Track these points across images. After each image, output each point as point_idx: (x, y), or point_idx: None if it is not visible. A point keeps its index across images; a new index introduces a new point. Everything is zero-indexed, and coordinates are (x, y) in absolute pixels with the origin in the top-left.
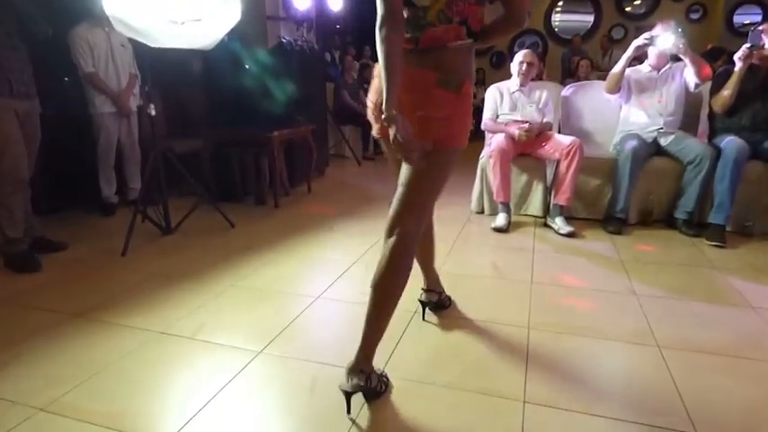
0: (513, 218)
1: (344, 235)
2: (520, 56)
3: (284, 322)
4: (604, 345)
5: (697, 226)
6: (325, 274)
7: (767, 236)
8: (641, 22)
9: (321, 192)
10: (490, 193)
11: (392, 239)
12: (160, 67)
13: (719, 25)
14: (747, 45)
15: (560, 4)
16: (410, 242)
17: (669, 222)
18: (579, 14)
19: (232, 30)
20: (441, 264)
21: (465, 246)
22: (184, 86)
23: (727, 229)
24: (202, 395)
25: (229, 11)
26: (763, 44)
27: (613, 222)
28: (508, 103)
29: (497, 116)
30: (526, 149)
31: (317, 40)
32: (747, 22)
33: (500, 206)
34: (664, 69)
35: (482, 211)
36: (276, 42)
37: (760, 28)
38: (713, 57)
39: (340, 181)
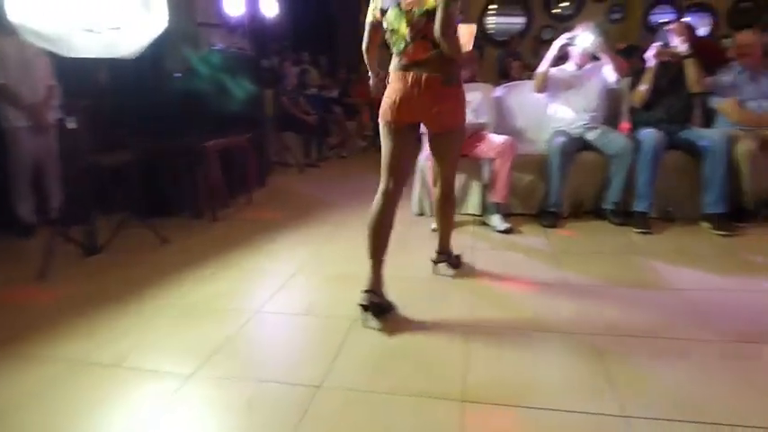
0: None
1: (285, 244)
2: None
3: (219, 341)
4: (540, 337)
5: (624, 215)
6: (264, 287)
7: (687, 220)
8: (568, 22)
9: (262, 201)
10: (430, 196)
11: (452, 195)
12: (82, 77)
13: (638, 24)
14: (658, 43)
15: (493, 7)
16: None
17: (599, 213)
18: (512, 17)
19: (159, 37)
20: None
21: (406, 248)
22: (110, 96)
23: (651, 215)
24: (128, 429)
25: (153, 18)
26: (672, 42)
27: (547, 216)
28: None
29: None
30: (463, 150)
31: (252, 47)
32: (662, 20)
33: None
34: (586, 67)
35: (422, 214)
36: (208, 49)
37: (668, 28)
38: (628, 54)
39: (282, 189)
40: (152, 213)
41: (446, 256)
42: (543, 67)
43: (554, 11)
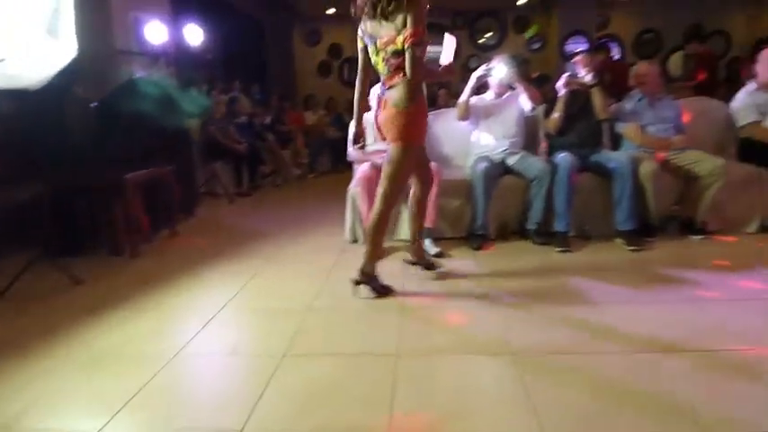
0: (386, 243)
1: (211, 280)
2: (377, 89)
3: (133, 389)
4: (467, 360)
5: (546, 234)
6: (186, 327)
7: (602, 237)
8: (492, 51)
9: (188, 234)
10: (362, 223)
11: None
12: None
13: (555, 53)
14: (567, 74)
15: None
16: None
17: (523, 234)
18: (439, 46)
19: (72, 65)
20: (313, 298)
21: (338, 277)
22: (17, 127)
23: (571, 234)
24: None
25: (60, 47)
26: (579, 73)
27: (475, 239)
28: (373, 134)
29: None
30: None
31: (177, 75)
32: (577, 50)
33: None
34: (504, 96)
35: (356, 241)
36: (128, 78)
37: (574, 60)
38: (540, 83)
39: (211, 221)
40: (65, 252)
41: (424, 261)
42: (464, 96)
43: (479, 41)
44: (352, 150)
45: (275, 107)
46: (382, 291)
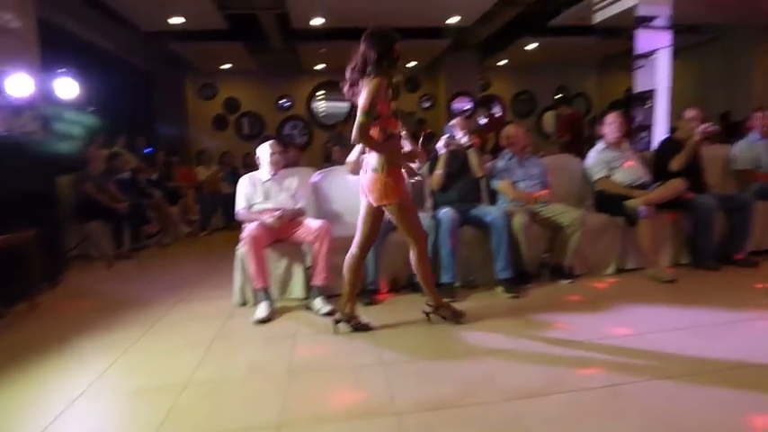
0: (278, 303)
1: (71, 359)
2: (267, 147)
3: None
4: (350, 428)
5: (434, 287)
6: (33, 420)
7: (486, 285)
8: None
9: (50, 307)
10: (251, 284)
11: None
12: None
13: (444, 112)
14: (446, 136)
15: (321, 92)
16: None
17: (414, 287)
18: (338, 102)
19: None
20: (192, 371)
21: (223, 345)
22: None
23: (457, 284)
24: None
25: None
26: (456, 135)
27: (367, 295)
28: (261, 192)
29: (252, 205)
30: (281, 235)
31: (44, 130)
32: (463, 108)
33: (260, 294)
34: None
35: (245, 303)
36: None
37: (452, 123)
38: (429, 140)
39: (81, 289)
40: None
41: (441, 308)
42: (354, 154)
43: None
44: (239, 209)
45: (162, 163)
46: (361, 328)
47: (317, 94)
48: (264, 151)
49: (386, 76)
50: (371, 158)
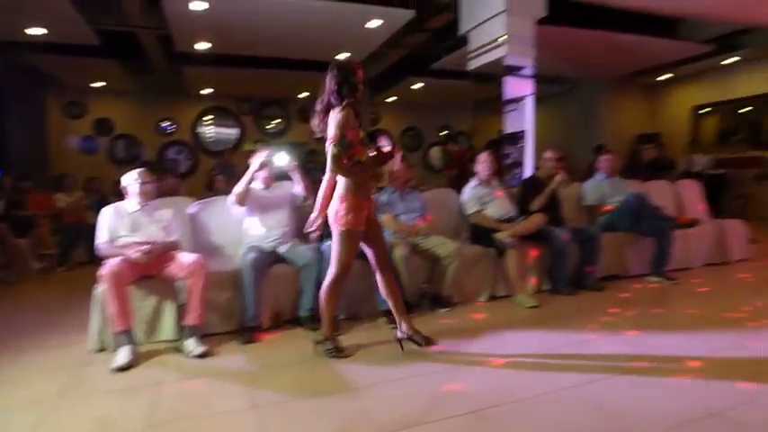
0: (144, 347)
1: None
2: (134, 175)
3: None
4: None
5: (318, 321)
6: None
7: (370, 317)
8: (280, 138)
9: None
10: (111, 326)
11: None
12: None
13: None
14: None
15: (208, 117)
16: None
17: (297, 321)
18: (226, 128)
19: None
20: None
21: (70, 401)
22: None
23: (341, 317)
24: None
25: None
26: None
27: (246, 332)
28: (128, 224)
29: (117, 239)
30: (150, 271)
31: None
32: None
33: (121, 338)
34: (278, 186)
35: (104, 349)
36: None
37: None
38: (316, 173)
39: None
40: None
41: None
42: (243, 184)
43: (267, 127)
44: (101, 243)
45: (9, 188)
46: (339, 354)
47: (205, 119)
48: (131, 180)
49: (352, 106)
50: (339, 185)
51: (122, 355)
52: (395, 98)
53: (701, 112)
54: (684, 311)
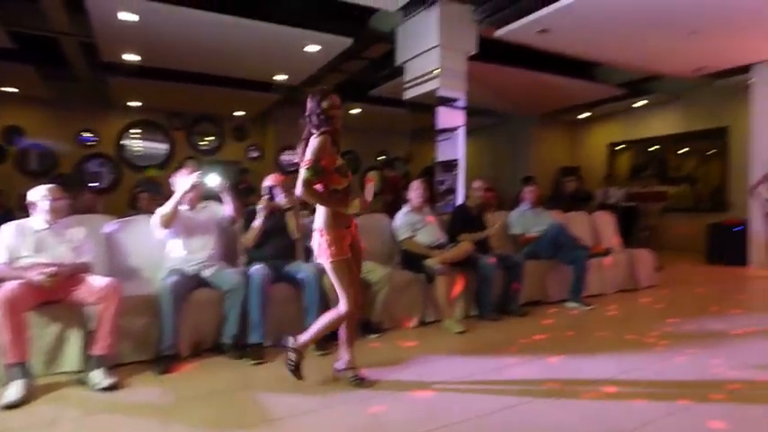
0: (42, 380)
1: None
2: (42, 190)
3: None
4: None
5: (242, 348)
6: None
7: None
8: (213, 156)
9: None
10: (3, 357)
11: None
12: None
13: (271, 163)
14: (265, 196)
15: (136, 131)
16: None
17: (220, 349)
18: (155, 143)
19: None
20: None
21: None
22: None
23: (267, 345)
24: None
25: None
26: (276, 195)
27: (162, 361)
28: (32, 243)
29: (17, 259)
30: (56, 296)
31: None
32: (293, 161)
33: (14, 371)
34: (199, 207)
35: None
36: None
37: (270, 184)
38: (246, 194)
39: None
40: None
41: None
42: (171, 204)
43: (199, 143)
44: None
45: None
46: (296, 372)
47: (132, 132)
48: (39, 195)
49: (330, 134)
50: (317, 217)
51: (14, 391)
52: None
53: (616, 148)
54: (599, 335)
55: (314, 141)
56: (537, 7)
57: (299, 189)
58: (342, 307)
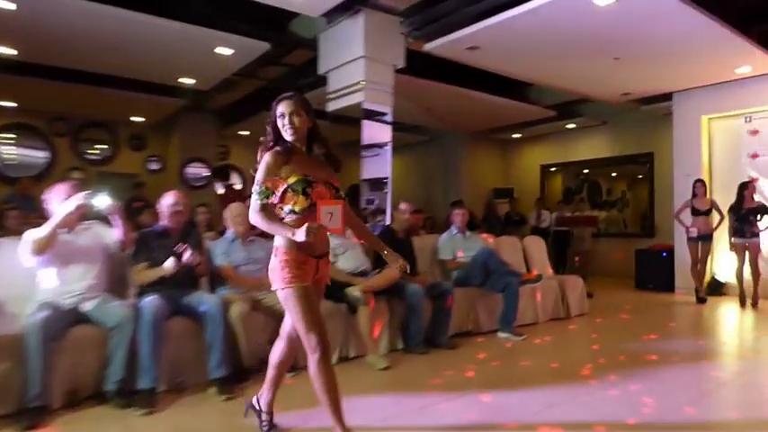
0: None
1: None
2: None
3: None
4: None
5: (130, 395)
6: None
7: (198, 387)
8: (102, 167)
9: None
10: None
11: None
12: None
13: (175, 177)
14: (172, 260)
15: (9, 135)
16: None
17: (102, 397)
18: (31, 149)
19: None
20: None
21: None
22: None
23: (160, 389)
24: None
25: None
26: (180, 256)
27: (27, 415)
28: None
29: None
30: None
31: None
32: (201, 175)
33: None
34: (79, 229)
35: None
36: None
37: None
38: (137, 213)
39: None
40: None
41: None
42: (47, 228)
43: (87, 152)
44: None
45: None
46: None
47: (4, 136)
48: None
49: (288, 148)
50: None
51: None
52: (248, 133)
53: (548, 170)
54: (530, 368)
55: (262, 162)
56: (466, 23)
57: (249, 216)
58: (309, 352)
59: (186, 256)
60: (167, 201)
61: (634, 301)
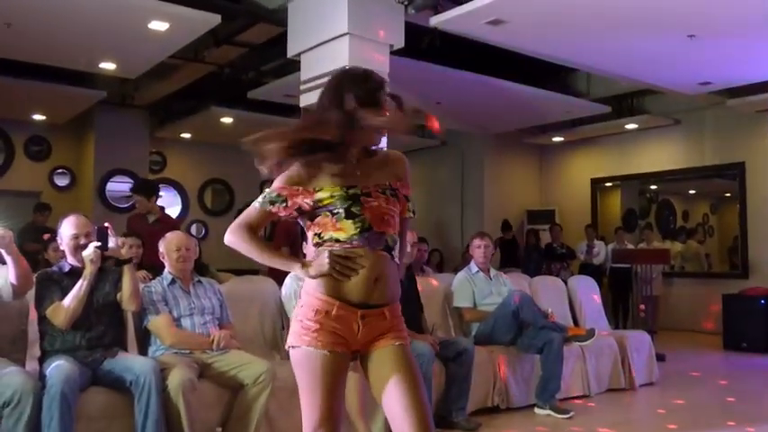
0: None
1: None
2: None
3: None
4: None
5: None
6: None
7: None
8: None
9: None
10: None
11: None
12: None
13: (90, 195)
14: (96, 244)
15: None
16: None
17: None
18: None
19: None
20: None
21: None
22: None
23: None
24: None
25: None
26: (110, 241)
27: None
28: None
29: None
30: None
31: None
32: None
33: None
34: None
35: None
36: None
37: (106, 225)
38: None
39: None
40: None
41: None
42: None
43: None
44: None
45: None
46: None
47: None
48: None
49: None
50: None
51: None
52: (190, 135)
53: (603, 186)
54: None
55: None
56: None
57: (230, 233)
58: None
59: (112, 240)
60: (69, 230)
61: (723, 367)
